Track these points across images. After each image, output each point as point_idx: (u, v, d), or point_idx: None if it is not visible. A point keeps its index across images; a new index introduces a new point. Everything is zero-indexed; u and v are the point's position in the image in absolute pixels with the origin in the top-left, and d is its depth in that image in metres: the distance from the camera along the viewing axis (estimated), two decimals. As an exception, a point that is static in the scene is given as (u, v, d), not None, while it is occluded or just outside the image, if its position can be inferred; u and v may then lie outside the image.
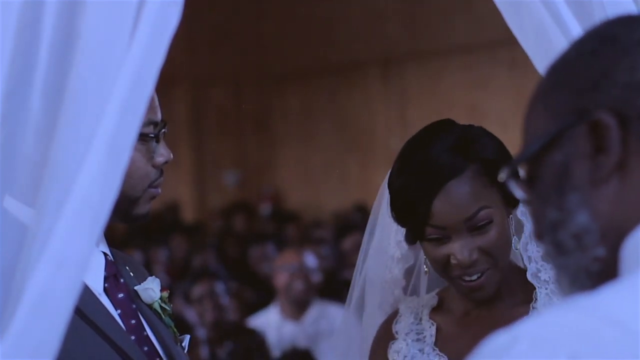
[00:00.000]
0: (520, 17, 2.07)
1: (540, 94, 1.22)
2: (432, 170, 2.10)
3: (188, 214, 12.37)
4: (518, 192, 1.22)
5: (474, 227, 2.10)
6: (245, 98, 13.72)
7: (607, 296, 1.09)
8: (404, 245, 2.29)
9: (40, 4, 1.46)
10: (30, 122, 1.47)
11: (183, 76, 12.24)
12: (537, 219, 1.22)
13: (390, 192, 2.17)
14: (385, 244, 2.34)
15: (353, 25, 12.55)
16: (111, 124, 1.44)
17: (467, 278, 2.12)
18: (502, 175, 1.21)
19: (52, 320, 1.41)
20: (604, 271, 1.15)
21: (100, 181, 1.43)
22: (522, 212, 2.20)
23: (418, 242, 2.19)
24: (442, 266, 2.14)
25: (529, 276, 2.17)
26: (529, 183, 1.22)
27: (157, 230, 9.23)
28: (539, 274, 2.18)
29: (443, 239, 2.12)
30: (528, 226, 2.20)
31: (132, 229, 8.55)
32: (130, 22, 1.45)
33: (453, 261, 2.11)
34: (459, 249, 2.09)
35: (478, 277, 2.11)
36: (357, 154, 12.95)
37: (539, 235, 1.22)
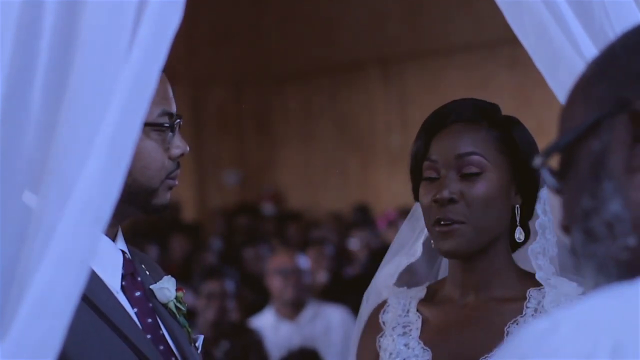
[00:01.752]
0: (522, 16, 2.07)
1: (580, 85, 1.24)
2: (442, 113, 2.18)
3: (188, 214, 12.37)
4: (550, 180, 1.23)
5: (463, 167, 2.12)
6: (246, 98, 13.73)
7: None
8: (420, 245, 2.30)
9: (40, 3, 1.46)
10: (30, 121, 1.46)
11: (183, 76, 12.24)
12: (568, 208, 1.22)
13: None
14: (406, 240, 2.35)
15: (353, 25, 12.56)
16: (112, 123, 1.43)
17: (442, 223, 2.12)
18: (537, 162, 1.22)
19: (54, 320, 1.41)
20: (632, 261, 1.16)
21: (101, 180, 1.43)
22: (539, 224, 2.19)
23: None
24: (427, 210, 2.15)
25: (537, 277, 2.16)
26: (562, 172, 1.23)
27: (157, 230, 9.23)
28: (549, 280, 2.16)
29: (435, 181, 2.14)
30: (541, 241, 2.19)
31: (134, 227, 8.55)
32: (131, 21, 1.45)
33: (433, 198, 2.12)
34: (442, 186, 2.12)
35: (449, 225, 2.11)
36: (357, 154, 12.95)
37: (567, 225, 1.23)
